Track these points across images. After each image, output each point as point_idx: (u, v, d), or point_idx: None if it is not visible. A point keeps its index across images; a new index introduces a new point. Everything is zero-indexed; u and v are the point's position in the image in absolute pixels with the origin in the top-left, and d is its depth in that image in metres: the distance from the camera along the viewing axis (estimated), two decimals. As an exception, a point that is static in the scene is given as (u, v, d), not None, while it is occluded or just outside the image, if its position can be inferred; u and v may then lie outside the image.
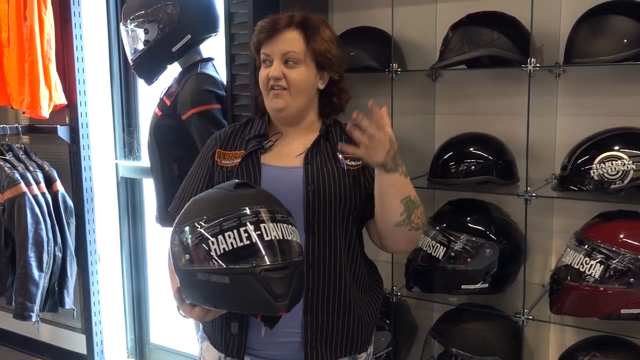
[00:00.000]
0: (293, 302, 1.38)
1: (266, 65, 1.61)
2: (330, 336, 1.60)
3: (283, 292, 1.34)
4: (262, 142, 1.64)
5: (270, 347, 1.59)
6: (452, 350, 2.02)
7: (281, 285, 1.34)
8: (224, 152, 1.66)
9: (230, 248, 1.34)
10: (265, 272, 1.32)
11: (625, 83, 1.99)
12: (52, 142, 3.14)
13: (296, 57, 1.59)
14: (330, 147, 1.64)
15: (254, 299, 1.34)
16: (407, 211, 1.52)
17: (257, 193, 1.45)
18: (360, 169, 1.62)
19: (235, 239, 1.34)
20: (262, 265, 1.33)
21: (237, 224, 1.35)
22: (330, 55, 1.63)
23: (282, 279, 1.34)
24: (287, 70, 1.58)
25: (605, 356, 1.85)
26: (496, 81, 2.19)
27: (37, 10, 2.85)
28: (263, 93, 1.64)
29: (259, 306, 1.36)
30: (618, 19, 1.82)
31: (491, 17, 2.00)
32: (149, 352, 3.39)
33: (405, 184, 1.52)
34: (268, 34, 1.60)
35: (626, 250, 1.76)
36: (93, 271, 3.15)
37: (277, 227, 1.37)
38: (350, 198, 1.59)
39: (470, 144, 2.09)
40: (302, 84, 1.61)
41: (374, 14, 2.31)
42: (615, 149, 1.79)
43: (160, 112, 2.35)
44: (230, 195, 1.42)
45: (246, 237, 1.34)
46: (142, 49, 2.31)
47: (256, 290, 1.32)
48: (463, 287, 2.01)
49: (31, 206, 2.88)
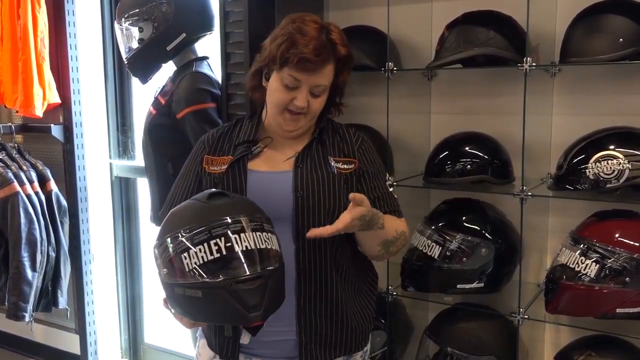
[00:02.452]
0: (269, 310, 1.36)
1: (289, 89, 1.53)
2: (324, 338, 1.59)
3: (256, 303, 1.32)
4: (250, 147, 1.62)
5: (264, 345, 1.58)
6: (447, 350, 2.02)
7: (253, 296, 1.32)
8: (212, 157, 1.63)
9: (202, 262, 1.33)
10: (236, 285, 1.31)
11: (621, 82, 1.99)
12: (46, 141, 3.13)
13: (325, 89, 1.56)
14: (323, 150, 1.62)
15: (227, 312, 1.33)
16: (384, 248, 1.58)
17: (230, 203, 1.43)
18: (353, 172, 1.60)
19: (205, 253, 1.33)
20: (233, 278, 1.32)
21: (207, 237, 1.34)
22: (346, 82, 1.64)
23: (254, 290, 1.33)
24: (311, 99, 1.54)
25: (601, 355, 1.85)
26: (492, 80, 2.19)
27: (31, 8, 2.84)
28: (274, 109, 1.57)
29: (232, 318, 1.36)
30: (614, 19, 1.82)
31: (487, 16, 2.00)
32: (143, 352, 3.38)
33: (382, 233, 1.53)
34: (310, 66, 1.50)
35: (621, 249, 1.76)
36: (87, 271, 3.13)
37: (249, 237, 1.35)
38: (341, 203, 1.56)
39: (466, 143, 2.09)
40: (319, 110, 1.60)
41: (369, 13, 2.31)
42: (610, 148, 1.79)
43: (155, 111, 2.34)
44: (202, 207, 1.41)
45: (216, 249, 1.33)
46: (137, 48, 2.30)
47: (228, 303, 1.32)
48: (458, 286, 2.01)
49: (24, 206, 2.86)
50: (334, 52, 1.54)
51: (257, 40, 2.18)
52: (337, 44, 1.55)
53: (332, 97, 1.65)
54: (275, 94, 1.55)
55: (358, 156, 1.63)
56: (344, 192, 1.57)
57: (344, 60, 1.58)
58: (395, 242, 1.57)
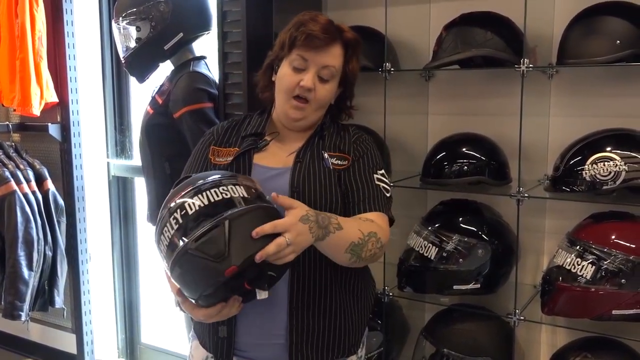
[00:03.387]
0: (240, 254, 1.28)
1: (297, 71, 1.54)
2: (316, 339, 1.57)
3: (219, 251, 1.28)
4: (257, 140, 1.62)
5: (257, 348, 1.57)
6: (443, 351, 2.02)
7: (214, 245, 1.29)
8: (218, 148, 1.64)
9: (169, 240, 1.34)
10: (194, 243, 1.30)
11: (618, 84, 1.99)
12: (43, 140, 3.13)
13: (332, 73, 1.56)
14: (322, 144, 1.62)
15: (203, 272, 1.31)
16: (355, 254, 1.44)
17: (193, 178, 1.43)
18: (345, 169, 1.59)
19: (169, 230, 1.34)
20: (191, 238, 1.30)
21: (167, 214, 1.36)
22: (356, 77, 1.63)
23: (214, 239, 1.29)
24: (318, 84, 1.55)
25: (596, 357, 1.85)
26: (489, 81, 2.19)
27: (29, 7, 2.84)
28: (282, 95, 1.58)
29: (209, 276, 1.31)
30: (611, 20, 1.82)
31: (485, 17, 2.00)
32: (139, 352, 3.37)
33: (342, 237, 1.40)
34: (317, 42, 1.52)
35: (618, 251, 1.76)
36: (84, 270, 3.13)
37: (202, 197, 1.34)
38: (336, 199, 1.55)
39: (463, 144, 2.09)
40: (326, 100, 1.59)
41: (367, 14, 2.31)
42: (607, 150, 1.79)
43: (152, 110, 2.34)
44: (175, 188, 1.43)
45: (175, 222, 1.34)
46: (134, 47, 2.30)
47: (197, 263, 1.30)
48: (455, 287, 2.01)
49: (21, 205, 2.86)
50: (341, 35, 1.57)
51: (255, 40, 2.18)
52: (345, 30, 1.59)
53: (342, 99, 1.66)
54: (284, 78, 1.57)
55: (352, 150, 1.61)
56: (338, 187, 1.56)
57: (352, 45, 1.59)
58: (364, 245, 1.43)
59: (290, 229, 1.29)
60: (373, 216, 1.54)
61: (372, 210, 1.56)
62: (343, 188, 1.57)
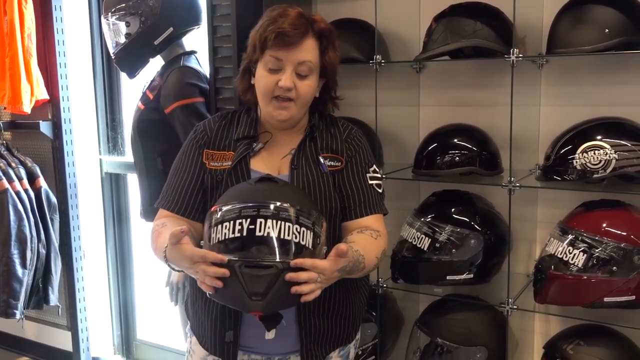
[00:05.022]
0: (272, 304, 1.31)
1: (273, 72, 1.51)
2: (322, 337, 1.60)
3: (258, 292, 1.29)
4: (251, 144, 1.60)
5: (262, 342, 1.56)
6: (437, 341, 2.03)
7: (257, 283, 1.28)
8: (212, 152, 1.60)
9: (223, 238, 1.33)
10: (245, 268, 1.29)
11: (608, 73, 2.00)
12: (35, 137, 3.11)
13: (310, 68, 1.52)
14: (315, 147, 1.60)
15: (230, 293, 1.32)
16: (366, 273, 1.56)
17: (272, 188, 1.41)
18: (339, 171, 1.59)
19: (229, 230, 1.33)
20: (244, 260, 1.30)
21: (236, 216, 1.34)
22: (336, 66, 1.60)
23: (261, 278, 1.29)
24: (298, 81, 1.51)
25: (589, 344, 1.86)
26: (480, 72, 2.20)
27: (17, 4, 2.82)
28: (262, 99, 1.55)
29: (234, 301, 1.34)
30: (600, 9, 1.82)
31: (474, 8, 2.00)
32: (135, 348, 3.37)
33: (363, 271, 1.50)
34: (288, 40, 1.48)
35: (609, 239, 1.77)
36: (78, 267, 3.12)
37: (275, 225, 1.32)
38: (335, 205, 1.56)
39: (455, 135, 2.09)
40: (309, 95, 1.56)
41: (357, 6, 2.30)
42: (597, 138, 1.80)
43: (143, 106, 2.33)
44: (247, 188, 1.43)
45: (238, 229, 1.32)
46: (124, 42, 2.28)
47: (233, 284, 1.30)
48: (448, 278, 2.01)
49: (14, 203, 2.85)
50: (312, 26, 1.52)
51: (245, 34, 2.17)
52: (317, 20, 1.55)
53: (326, 91, 1.64)
54: (261, 81, 1.54)
55: (345, 150, 1.61)
56: (335, 190, 1.57)
57: (326, 35, 1.55)
58: (376, 266, 1.57)
59: (326, 273, 1.34)
60: (370, 220, 1.58)
61: (369, 214, 1.59)
62: (338, 192, 1.58)
